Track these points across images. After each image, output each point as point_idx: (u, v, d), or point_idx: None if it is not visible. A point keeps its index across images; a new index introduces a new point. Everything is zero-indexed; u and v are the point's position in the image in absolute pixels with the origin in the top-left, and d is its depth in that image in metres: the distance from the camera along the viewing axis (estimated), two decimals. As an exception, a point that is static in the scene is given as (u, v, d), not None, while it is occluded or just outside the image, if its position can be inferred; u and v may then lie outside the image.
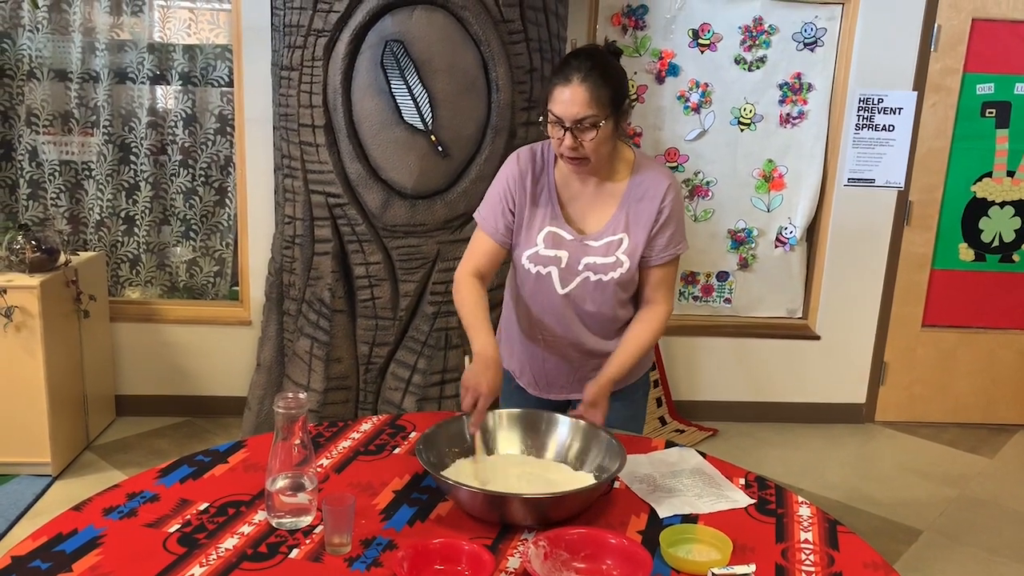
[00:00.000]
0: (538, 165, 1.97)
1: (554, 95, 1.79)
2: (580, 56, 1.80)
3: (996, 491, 3.59)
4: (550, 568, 1.38)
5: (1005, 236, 4.08)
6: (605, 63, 1.80)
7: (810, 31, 3.87)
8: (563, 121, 1.78)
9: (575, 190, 1.95)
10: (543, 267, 1.95)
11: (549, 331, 2.02)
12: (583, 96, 1.75)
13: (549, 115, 1.81)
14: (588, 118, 1.76)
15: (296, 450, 1.52)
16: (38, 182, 3.86)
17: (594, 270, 1.92)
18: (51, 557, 1.39)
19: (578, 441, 1.77)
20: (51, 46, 3.75)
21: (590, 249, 1.93)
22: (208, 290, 4.07)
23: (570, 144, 1.79)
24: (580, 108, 1.75)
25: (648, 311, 1.98)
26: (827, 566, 1.46)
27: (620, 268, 1.92)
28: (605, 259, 1.92)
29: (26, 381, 3.23)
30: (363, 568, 1.40)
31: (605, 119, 1.78)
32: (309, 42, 3.13)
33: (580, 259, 1.93)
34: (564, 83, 1.77)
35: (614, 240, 1.92)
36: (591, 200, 1.94)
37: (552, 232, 1.94)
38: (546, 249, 1.94)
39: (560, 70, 1.80)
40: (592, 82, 1.75)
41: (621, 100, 1.81)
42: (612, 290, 1.94)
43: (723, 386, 4.16)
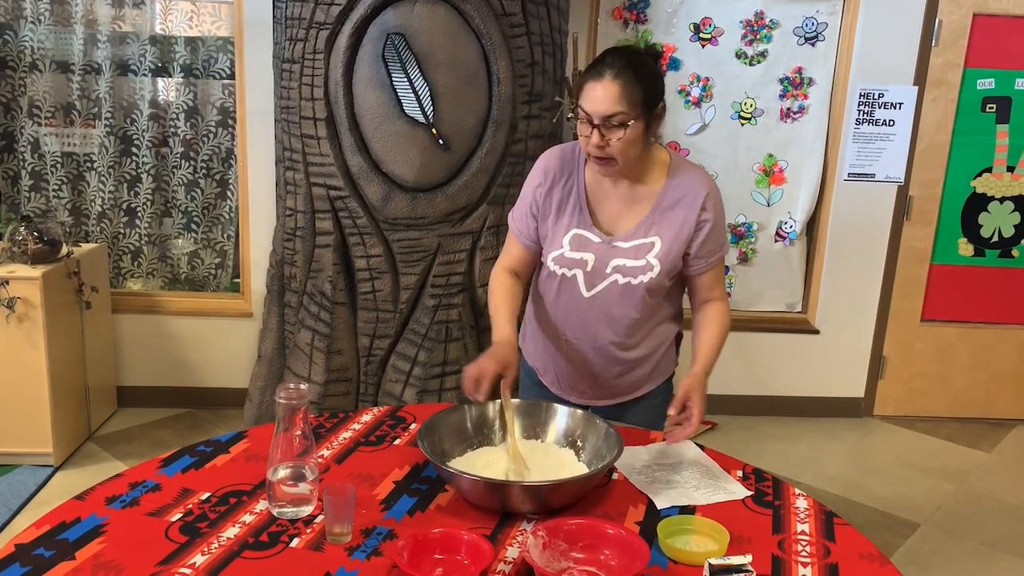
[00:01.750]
0: (567, 166, 1.94)
1: (585, 90, 1.75)
2: (615, 53, 1.76)
3: (994, 485, 3.61)
4: (549, 558, 1.39)
5: (1004, 231, 4.09)
6: (641, 62, 1.76)
7: (811, 26, 3.87)
8: (592, 118, 1.74)
9: (606, 190, 1.91)
10: (568, 269, 1.93)
11: (572, 333, 2.00)
12: (614, 93, 1.71)
13: (580, 111, 1.76)
14: (617, 115, 1.72)
15: (297, 440, 1.53)
16: (40, 174, 3.87)
17: (623, 272, 1.89)
18: (54, 545, 1.41)
19: (576, 430, 1.78)
20: (53, 38, 3.75)
21: (619, 251, 1.89)
22: (209, 282, 4.08)
23: (597, 142, 1.75)
24: (610, 105, 1.71)
25: (712, 308, 1.99)
26: (823, 557, 1.47)
27: (650, 272, 1.88)
28: (635, 262, 1.88)
29: (28, 372, 3.24)
30: (363, 557, 1.41)
31: (635, 119, 1.73)
32: (311, 35, 3.14)
33: (608, 262, 1.90)
34: (596, 78, 1.73)
35: (645, 243, 1.88)
36: (623, 202, 1.91)
37: (578, 235, 1.91)
38: (572, 252, 1.92)
39: (594, 65, 1.76)
40: (625, 79, 1.71)
41: (655, 102, 1.77)
42: (640, 294, 1.91)
43: (723, 380, 4.16)
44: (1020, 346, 4.21)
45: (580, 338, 2.00)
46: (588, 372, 2.04)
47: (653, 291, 1.91)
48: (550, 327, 2.04)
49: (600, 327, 1.97)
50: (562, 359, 2.05)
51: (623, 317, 1.94)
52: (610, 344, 1.98)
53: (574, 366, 2.04)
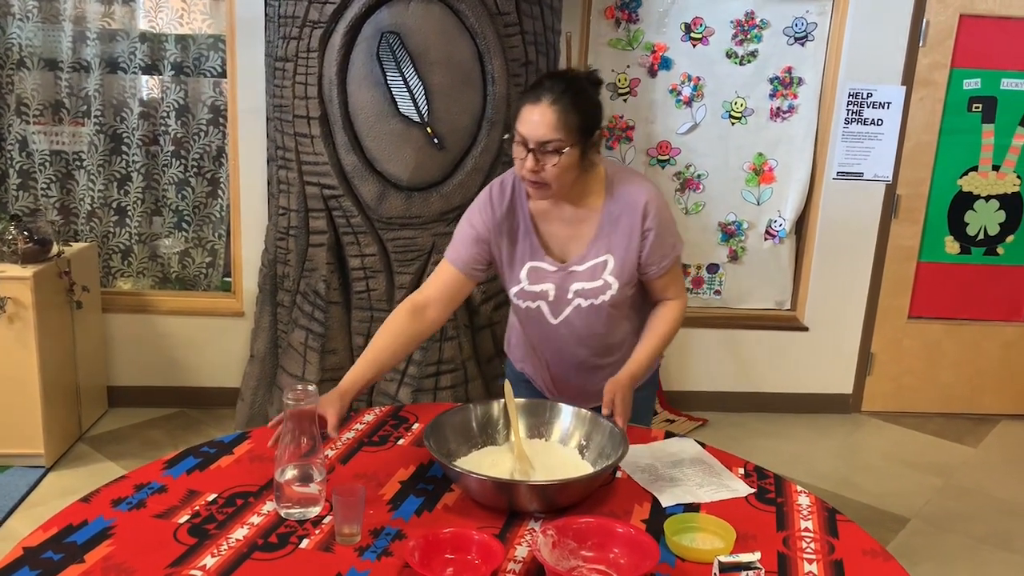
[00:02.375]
0: (511, 199, 1.91)
1: (522, 113, 1.73)
2: (555, 78, 1.75)
3: (981, 480, 3.66)
4: (558, 556, 1.40)
5: (990, 229, 4.14)
6: (580, 89, 1.75)
7: (801, 26, 3.90)
8: (527, 142, 1.72)
9: (552, 216, 1.90)
10: (531, 302, 1.94)
11: (550, 356, 2.03)
12: (551, 119, 1.69)
13: (516, 134, 1.74)
14: (552, 142, 1.71)
15: (305, 441, 1.53)
16: (28, 172, 3.83)
17: (584, 296, 1.90)
18: (63, 548, 1.41)
19: (580, 429, 1.79)
20: (41, 35, 3.72)
21: (576, 275, 1.90)
22: (200, 281, 4.06)
23: (531, 167, 1.73)
24: (546, 131, 1.70)
25: (663, 306, 1.98)
26: (828, 553, 1.49)
27: (609, 290, 1.90)
28: (593, 283, 1.89)
29: (19, 372, 3.22)
30: (374, 558, 1.41)
31: (571, 146, 1.72)
32: (304, 33, 3.13)
33: (568, 288, 1.90)
34: (534, 103, 1.71)
35: (599, 263, 1.89)
36: (568, 225, 1.90)
37: (534, 267, 1.91)
38: (531, 285, 1.92)
39: (532, 89, 1.74)
40: (562, 106, 1.70)
41: (591, 130, 1.76)
42: (606, 312, 1.93)
43: (713, 376, 4.21)
44: (1005, 343, 4.26)
45: (558, 359, 2.03)
46: (573, 383, 2.07)
47: (617, 305, 1.93)
48: (529, 346, 2.08)
49: (574, 347, 1.99)
50: (545, 369, 2.08)
51: (594, 335, 1.97)
52: (589, 358, 2.01)
53: (559, 376, 2.07)
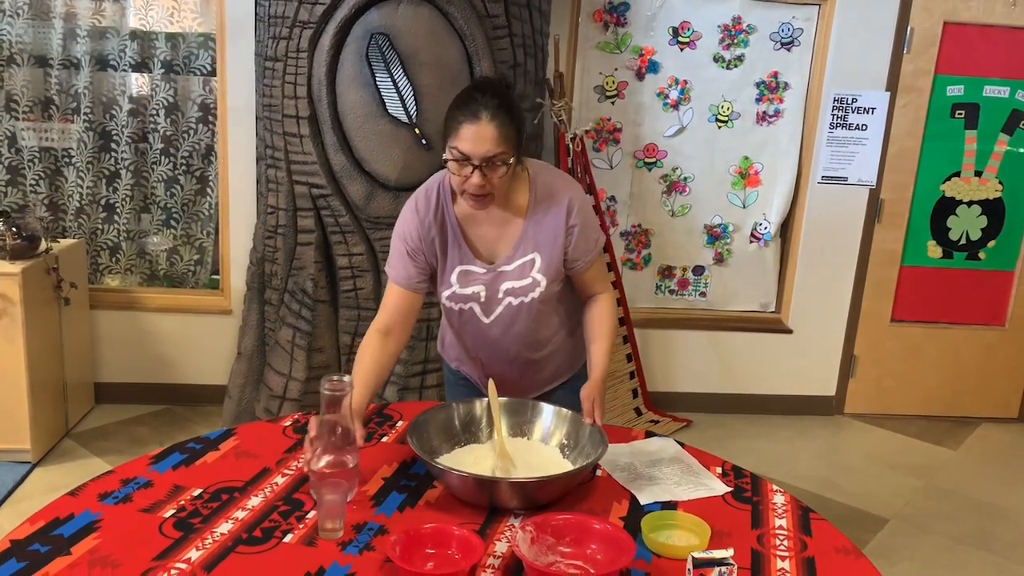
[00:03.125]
0: (437, 207, 1.92)
1: (461, 132, 1.71)
2: (487, 93, 1.73)
3: (960, 481, 3.71)
4: (537, 552, 1.43)
5: (972, 234, 4.20)
6: (510, 100, 1.76)
7: (787, 31, 3.94)
8: (472, 159, 1.71)
9: (478, 219, 1.91)
10: (463, 304, 1.96)
11: (484, 354, 2.06)
12: (493, 133, 1.69)
13: (454, 151, 1.73)
14: (499, 156, 1.72)
15: (339, 430, 1.57)
16: (17, 168, 3.84)
17: (514, 294, 1.93)
18: (50, 541, 1.43)
19: (561, 428, 1.83)
20: (31, 32, 3.73)
21: (505, 275, 1.92)
22: (188, 279, 4.07)
23: (478, 182, 1.73)
24: (491, 145, 1.70)
25: (596, 304, 2.00)
26: (800, 551, 1.53)
27: (538, 287, 1.92)
28: (522, 282, 1.92)
29: (6, 368, 3.23)
30: (356, 552, 1.44)
31: (513, 156, 1.75)
32: (294, 33, 3.15)
33: (498, 288, 1.93)
34: (472, 120, 1.70)
35: (527, 261, 1.91)
36: (495, 226, 1.92)
37: (463, 270, 1.93)
38: (461, 288, 1.94)
39: (466, 106, 1.72)
40: (500, 120, 1.70)
41: (522, 137, 1.80)
42: (535, 308, 1.95)
43: (697, 378, 4.24)
44: (986, 346, 4.32)
45: (492, 357, 2.06)
46: (508, 378, 2.08)
47: (546, 300, 1.96)
48: (462, 346, 2.10)
49: (507, 344, 2.02)
50: (481, 368, 2.11)
51: (525, 330, 2.00)
52: (522, 353, 2.04)
53: (494, 374, 2.08)
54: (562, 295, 2.02)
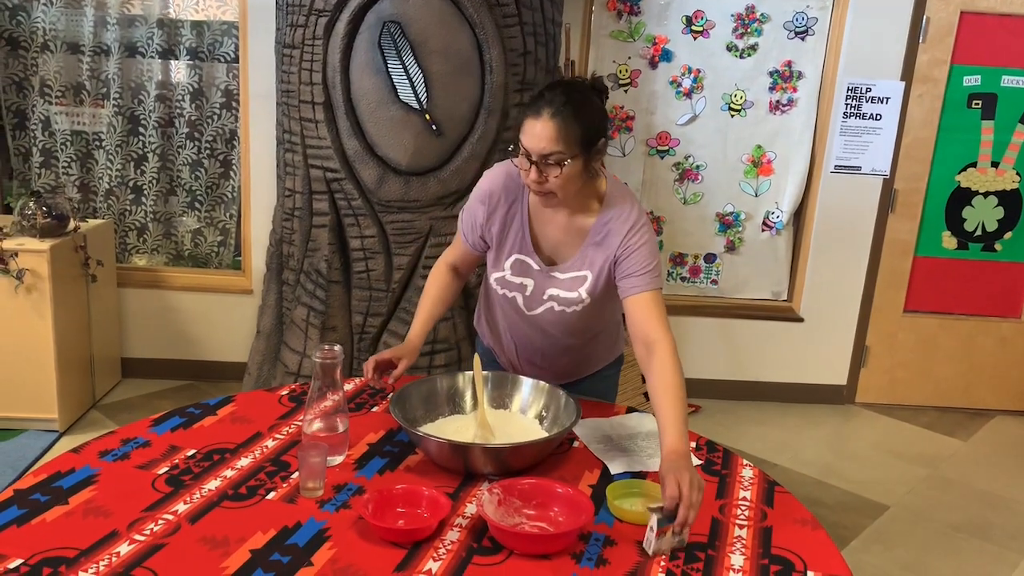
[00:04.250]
0: (512, 190, 1.95)
1: (524, 127, 1.75)
2: (556, 89, 1.75)
3: (966, 471, 3.71)
4: (503, 513, 1.51)
5: (988, 226, 4.18)
6: (581, 99, 1.75)
7: (801, 20, 3.95)
8: (530, 154, 1.75)
9: (547, 218, 1.92)
10: (509, 291, 2.00)
11: (518, 339, 2.12)
12: (551, 132, 1.70)
13: (520, 146, 1.77)
14: (554, 155, 1.72)
15: (330, 396, 1.69)
16: (50, 151, 4.00)
17: (557, 302, 1.95)
18: (50, 491, 1.54)
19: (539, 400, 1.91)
20: (64, 19, 3.88)
21: (555, 281, 1.94)
22: (212, 259, 4.21)
23: (535, 178, 1.76)
24: (547, 144, 1.71)
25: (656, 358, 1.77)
26: (759, 521, 1.59)
27: (581, 304, 1.94)
28: (569, 294, 1.94)
29: (35, 341, 3.38)
30: (333, 510, 1.53)
31: (572, 157, 1.73)
32: (310, 21, 3.25)
33: (545, 289, 1.95)
34: (535, 116, 1.73)
35: (579, 276, 1.92)
36: (561, 232, 1.92)
37: (520, 260, 1.96)
38: (513, 276, 1.98)
39: (534, 101, 1.76)
40: (562, 118, 1.70)
41: (594, 139, 1.77)
42: (575, 320, 1.98)
43: (708, 364, 4.28)
44: (1001, 338, 4.30)
45: (526, 343, 2.11)
46: (538, 364, 2.14)
47: (587, 315, 1.97)
48: (497, 325, 2.16)
49: (541, 337, 2.06)
50: (513, 352, 2.16)
51: (561, 334, 2.04)
52: (557, 342, 2.08)
53: (524, 358, 2.15)
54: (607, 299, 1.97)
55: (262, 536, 1.43)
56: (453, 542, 1.44)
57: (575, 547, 1.45)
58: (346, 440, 1.74)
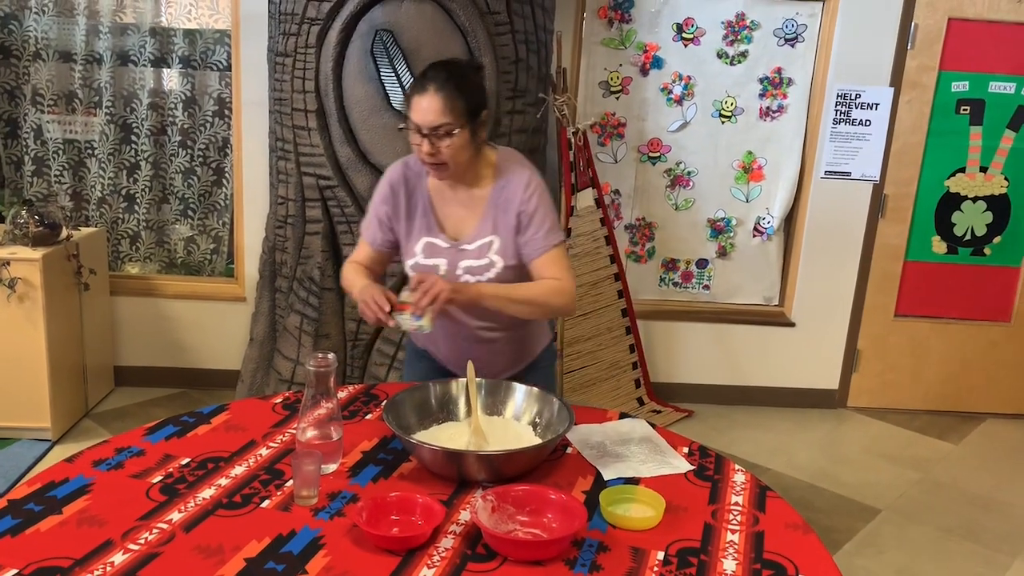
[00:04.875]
0: (411, 179, 2.08)
1: (412, 103, 1.90)
2: (438, 67, 1.92)
3: (957, 475, 3.74)
4: (497, 520, 1.52)
5: (977, 230, 4.21)
6: (462, 75, 1.92)
7: (791, 27, 3.98)
8: (421, 128, 1.89)
9: (447, 198, 2.06)
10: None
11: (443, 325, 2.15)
12: (438, 105, 1.86)
13: (408, 121, 1.91)
14: (443, 126, 1.87)
15: (324, 404, 1.70)
16: (42, 159, 4.00)
17: (471, 272, 2.04)
18: (44, 501, 1.54)
19: (532, 406, 1.91)
20: (56, 28, 3.88)
21: (465, 253, 2.04)
22: (205, 267, 4.21)
23: (427, 150, 1.90)
24: (435, 116, 1.87)
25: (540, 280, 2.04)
26: (752, 525, 1.60)
27: (494, 268, 2.03)
28: (479, 261, 2.04)
29: (28, 350, 3.38)
30: (327, 517, 1.54)
31: (460, 127, 1.89)
32: (303, 29, 3.26)
33: (457, 264, 2.05)
34: (421, 92, 1.89)
35: (486, 242, 2.03)
36: (462, 207, 2.06)
37: (429, 242, 2.07)
38: (425, 259, 2.06)
39: (418, 79, 1.92)
40: (447, 92, 1.87)
41: (478, 111, 1.93)
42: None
43: (700, 369, 4.30)
44: (991, 342, 4.32)
45: (452, 331, 2.16)
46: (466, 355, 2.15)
47: (503, 281, 2.05)
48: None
49: (463, 317, 2.12)
50: (442, 343, 2.22)
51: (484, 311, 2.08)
52: (478, 331, 2.14)
53: (454, 349, 2.20)
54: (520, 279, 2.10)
55: (257, 544, 1.44)
56: (447, 549, 1.45)
57: (569, 553, 1.45)
58: (340, 448, 1.74)
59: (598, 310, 3.93)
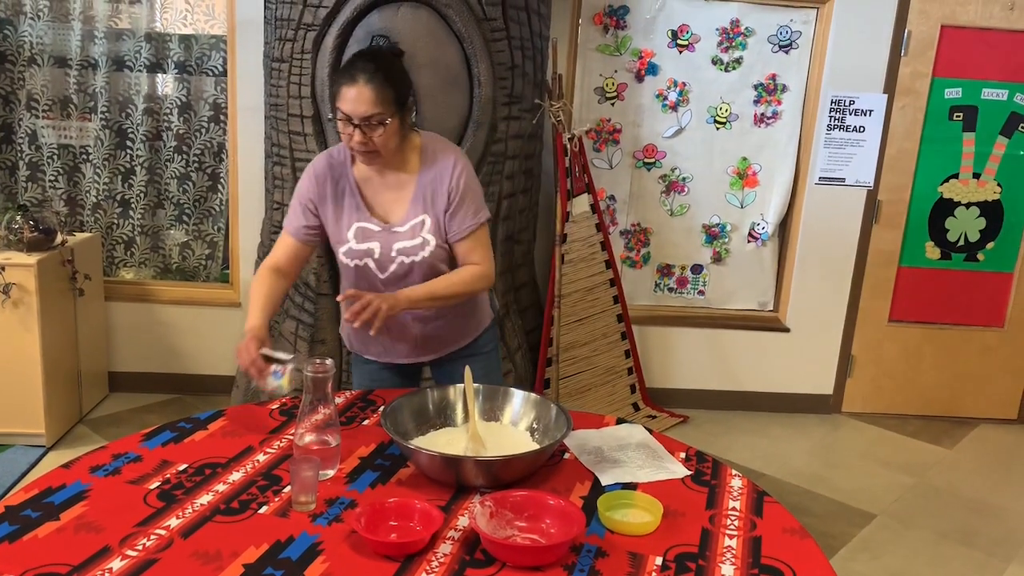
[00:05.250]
0: (336, 168, 2.10)
1: (343, 95, 1.91)
2: (365, 58, 1.95)
3: (952, 479, 3.75)
4: (495, 526, 1.52)
5: (970, 236, 4.23)
6: (389, 65, 1.96)
7: (785, 34, 4.00)
8: (352, 118, 1.91)
9: (376, 184, 2.09)
10: (359, 260, 2.11)
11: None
12: (369, 95, 1.89)
13: (338, 112, 1.93)
14: (375, 116, 1.91)
15: (322, 410, 1.70)
16: (37, 165, 3.99)
17: (405, 254, 2.08)
18: (41, 507, 1.54)
19: (530, 412, 1.92)
20: (51, 33, 3.88)
21: (398, 235, 2.08)
22: (200, 272, 4.21)
23: (360, 139, 1.93)
24: (367, 107, 1.90)
25: (461, 268, 2.14)
26: (749, 530, 1.60)
27: (428, 247, 2.08)
28: (412, 242, 2.08)
29: (22, 355, 3.37)
30: (325, 523, 1.54)
31: (391, 116, 1.93)
32: (299, 35, 3.26)
33: (391, 246, 2.08)
34: (351, 83, 1.90)
35: (417, 222, 2.08)
36: (391, 190, 2.09)
37: (360, 227, 2.09)
38: (358, 244, 2.09)
39: (347, 70, 1.93)
40: (377, 83, 1.90)
41: (404, 98, 1.98)
42: (426, 267, 2.10)
43: (695, 375, 4.31)
44: (984, 347, 4.34)
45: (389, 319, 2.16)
46: (403, 334, 2.22)
47: (437, 260, 2.11)
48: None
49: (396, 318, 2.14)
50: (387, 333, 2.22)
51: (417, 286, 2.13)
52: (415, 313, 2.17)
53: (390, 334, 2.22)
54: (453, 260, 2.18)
55: (255, 550, 1.44)
56: (446, 555, 1.45)
57: (567, 559, 1.46)
58: (338, 454, 1.74)
59: (593, 315, 3.93)
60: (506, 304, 3.65)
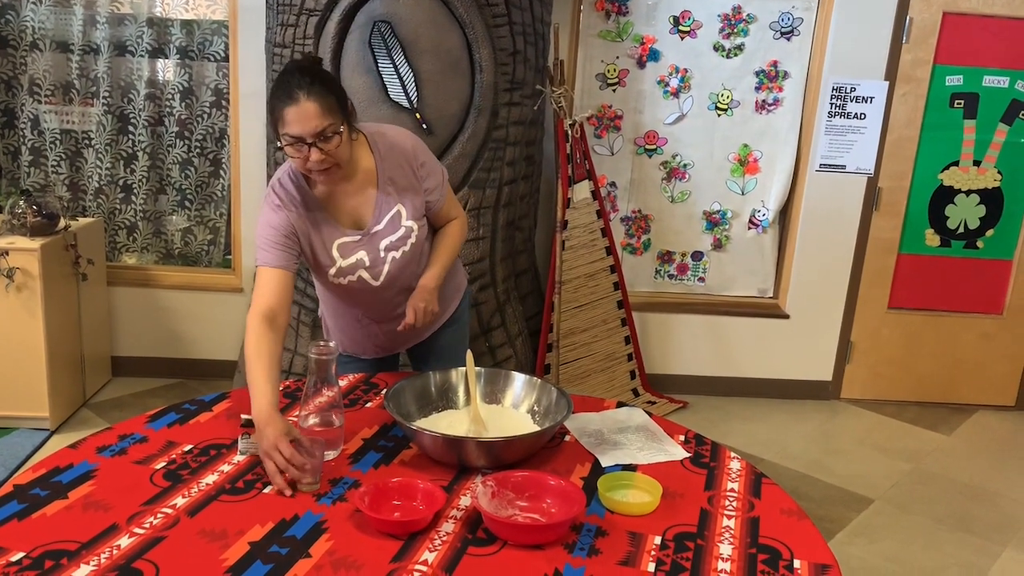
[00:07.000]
0: (295, 193, 1.96)
1: (287, 117, 1.78)
2: (295, 75, 1.80)
3: (949, 465, 3.77)
4: (497, 505, 1.54)
5: (970, 223, 4.24)
6: (320, 73, 1.84)
7: (787, 20, 4.00)
8: (304, 138, 1.79)
9: (337, 195, 1.99)
10: (352, 275, 2.05)
11: (373, 314, 2.20)
12: (315, 109, 1.77)
13: (286, 137, 1.81)
14: (328, 127, 1.80)
15: (326, 391, 1.72)
16: (39, 150, 4.00)
17: (393, 248, 2.05)
18: (49, 486, 1.56)
19: (531, 395, 1.94)
20: (53, 18, 3.88)
21: (379, 235, 2.04)
22: (202, 257, 4.22)
23: (318, 158, 1.81)
24: (318, 121, 1.78)
25: (449, 224, 2.21)
26: (747, 511, 1.62)
27: (413, 234, 2.07)
28: (396, 235, 2.05)
29: (26, 340, 3.39)
30: (329, 503, 1.56)
31: (341, 123, 1.84)
32: (301, 20, 3.27)
33: (378, 248, 2.04)
34: (293, 103, 1.77)
35: (394, 214, 2.04)
36: (353, 196, 2.01)
37: (341, 243, 2.01)
38: (345, 260, 2.03)
39: (282, 92, 1.79)
40: (317, 93, 1.78)
41: (345, 101, 1.87)
42: (417, 252, 2.11)
43: (695, 361, 4.33)
44: (983, 334, 4.36)
45: (380, 315, 2.20)
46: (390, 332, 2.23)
47: (422, 240, 2.12)
48: (348, 318, 2.24)
49: (397, 298, 2.15)
50: (363, 332, 2.25)
51: (413, 276, 2.14)
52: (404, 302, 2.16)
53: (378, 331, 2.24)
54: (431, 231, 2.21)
55: (260, 529, 1.46)
56: (448, 533, 1.47)
57: (568, 537, 1.48)
58: (342, 435, 1.76)
59: (593, 302, 3.95)
60: (507, 290, 3.66)
